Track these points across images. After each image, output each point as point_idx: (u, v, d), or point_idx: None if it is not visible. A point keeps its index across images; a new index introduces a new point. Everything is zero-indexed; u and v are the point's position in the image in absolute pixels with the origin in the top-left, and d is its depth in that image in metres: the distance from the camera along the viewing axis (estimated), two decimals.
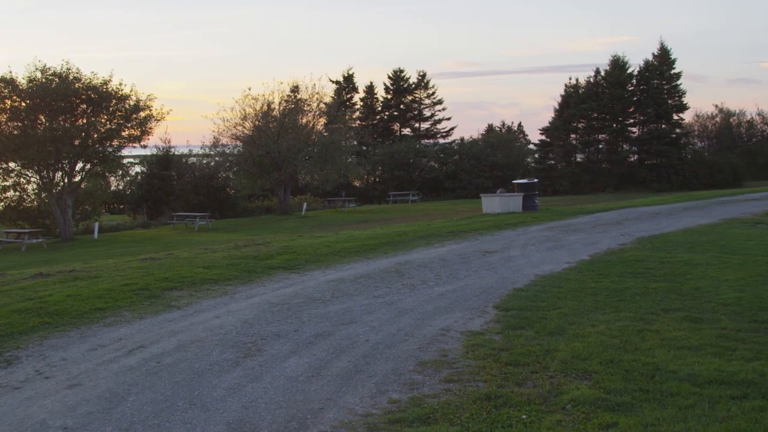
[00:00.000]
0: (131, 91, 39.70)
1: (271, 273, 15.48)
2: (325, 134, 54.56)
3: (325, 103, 56.76)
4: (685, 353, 8.55)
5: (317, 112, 55.25)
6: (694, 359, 8.29)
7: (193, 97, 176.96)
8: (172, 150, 57.84)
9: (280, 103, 52.82)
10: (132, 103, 39.47)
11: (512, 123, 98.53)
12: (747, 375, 7.64)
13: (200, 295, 13.10)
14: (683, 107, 74.04)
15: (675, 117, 73.72)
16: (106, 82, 38.62)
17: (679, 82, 73.80)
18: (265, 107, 52.10)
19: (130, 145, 41.35)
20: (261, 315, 11.27)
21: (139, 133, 40.19)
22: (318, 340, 9.61)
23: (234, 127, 52.02)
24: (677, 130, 73.57)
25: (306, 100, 54.13)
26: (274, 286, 13.93)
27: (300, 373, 8.17)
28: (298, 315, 11.21)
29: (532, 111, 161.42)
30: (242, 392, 7.56)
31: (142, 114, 39.81)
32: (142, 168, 56.94)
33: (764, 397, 7.01)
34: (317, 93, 54.84)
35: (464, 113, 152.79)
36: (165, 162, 55.70)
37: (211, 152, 55.00)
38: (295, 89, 54.20)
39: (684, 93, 73.79)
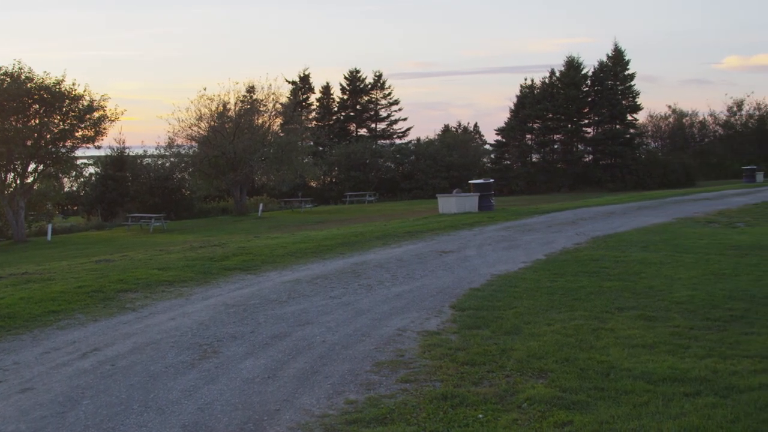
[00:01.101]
0: (85, 91, 39.35)
1: (227, 274, 15.40)
2: (281, 135, 54.45)
3: (281, 104, 56.67)
4: (639, 351, 8.64)
5: (273, 113, 55.16)
6: (648, 357, 8.37)
7: (148, 97, 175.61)
8: (127, 151, 57.44)
9: (235, 103, 52.68)
10: (85, 103, 39.11)
11: (468, 123, 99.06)
12: (700, 372, 7.74)
13: (155, 296, 12.99)
14: (637, 108, 74.89)
15: (629, 117, 74.56)
16: (59, 82, 38.22)
17: (632, 83, 74.66)
18: (221, 107, 51.91)
19: (84, 145, 41.00)
20: (217, 316, 11.21)
21: (92, 134, 39.83)
22: (274, 342, 9.58)
23: (189, 127, 51.79)
24: (631, 131, 74.42)
25: (262, 100, 54.03)
26: (230, 288, 13.86)
27: (256, 374, 8.14)
28: (254, 316, 11.16)
29: (488, 111, 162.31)
30: (198, 394, 7.52)
31: (96, 114, 39.46)
32: (96, 169, 56.35)
33: (717, 394, 7.10)
34: (273, 93, 54.82)
35: (421, 114, 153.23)
36: (119, 163, 55.26)
37: (167, 153, 54.65)
38: (251, 89, 53.99)
39: (638, 94, 74.71)
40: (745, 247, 18.00)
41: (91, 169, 56.79)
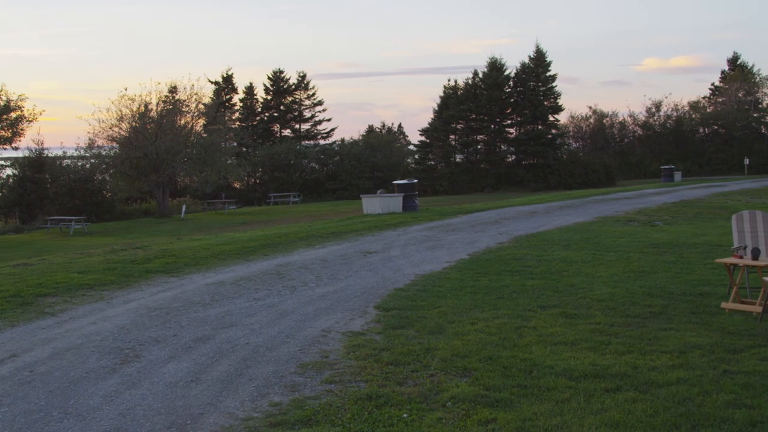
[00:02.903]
0: (1, 90, 38.48)
1: (149, 277, 15.20)
2: (204, 135, 53.91)
3: (204, 104, 56.14)
4: (561, 348, 8.76)
5: (196, 113, 54.62)
6: (569, 354, 8.49)
7: (68, 97, 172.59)
8: (46, 152, 56.17)
9: (157, 103, 51.99)
10: (1, 103, 38.26)
11: (393, 124, 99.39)
12: (620, 368, 7.87)
13: (76, 301, 12.76)
14: (558, 108, 75.93)
15: (551, 118, 75.54)
16: None
17: (554, 84, 75.69)
18: (142, 108, 51.20)
19: (1, 146, 40.10)
20: (139, 320, 11.06)
21: (9, 135, 39.08)
22: (198, 345, 9.49)
23: (110, 128, 50.93)
24: (553, 131, 75.39)
25: (184, 100, 53.44)
26: (153, 291, 13.68)
27: (179, 378, 8.05)
28: (177, 319, 11.04)
29: (413, 112, 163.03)
30: (120, 399, 7.40)
31: (13, 115, 38.75)
32: (14, 171, 55.10)
33: (637, 389, 7.23)
34: (196, 94, 54.25)
35: (345, 114, 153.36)
36: (38, 164, 54.05)
37: (87, 154, 53.66)
38: (173, 90, 53.34)
39: (559, 95, 75.79)
40: (663, 245, 18.37)
41: (9, 171, 55.58)
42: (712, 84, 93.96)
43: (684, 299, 11.57)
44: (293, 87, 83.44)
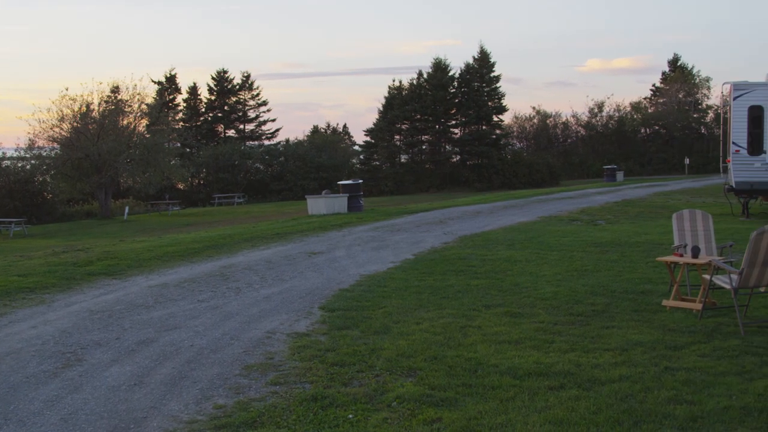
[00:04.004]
0: None
1: (91, 280, 15.00)
2: (147, 136, 53.41)
3: (146, 104, 55.58)
4: (505, 347, 8.81)
5: (139, 114, 54.03)
6: (514, 353, 8.55)
7: (6, 97, 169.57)
8: None
9: (99, 104, 51.30)
10: None
11: (338, 124, 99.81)
12: (564, 366, 7.94)
13: (15, 304, 12.53)
14: (502, 109, 76.56)
15: (495, 118, 76.12)
16: None
17: (498, 85, 76.36)
18: (84, 108, 50.50)
19: None
20: (81, 323, 10.91)
21: None
22: (141, 348, 9.38)
23: (51, 128, 50.15)
24: (497, 131, 76.00)
25: (127, 101, 52.85)
26: (95, 293, 13.50)
27: (122, 381, 7.96)
28: (119, 322, 10.91)
29: (358, 112, 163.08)
30: (61, 404, 7.29)
31: None
32: None
33: (580, 387, 7.30)
34: (139, 94, 53.68)
35: (290, 114, 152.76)
36: None
37: (27, 155, 52.85)
38: (115, 90, 52.71)
39: (503, 95, 76.44)
40: (605, 243, 18.58)
41: None
42: (653, 85, 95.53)
43: (626, 297, 11.71)
44: (237, 87, 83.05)
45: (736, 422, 6.35)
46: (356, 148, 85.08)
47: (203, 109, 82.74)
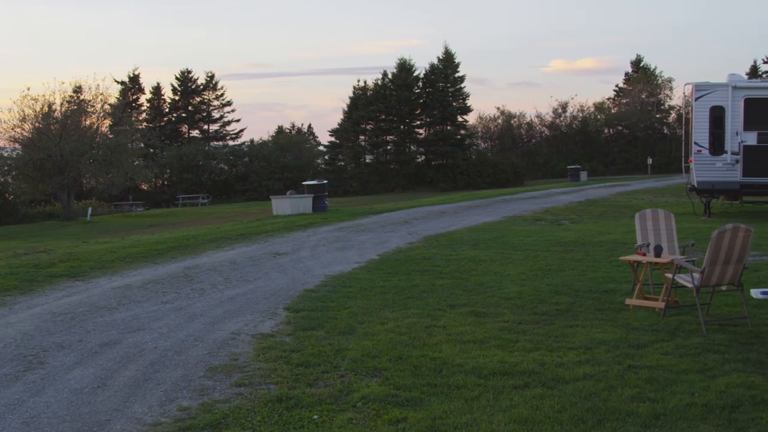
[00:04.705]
0: None
1: (53, 281, 14.85)
2: (111, 136, 53.00)
3: (109, 104, 55.14)
4: (470, 347, 8.83)
5: (102, 114, 53.60)
6: (478, 352, 8.57)
7: None
8: None
9: (62, 104, 50.77)
10: None
11: (302, 125, 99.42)
12: (528, 365, 7.98)
13: None
14: (467, 109, 76.87)
15: (460, 119, 76.42)
16: None
17: (463, 85, 76.63)
18: (46, 108, 49.97)
19: None
20: (43, 326, 10.80)
21: None
22: (104, 350, 9.31)
23: (12, 129, 49.52)
24: (462, 132, 76.29)
25: (90, 101, 52.39)
26: (57, 295, 13.37)
27: (85, 384, 7.89)
28: (82, 324, 10.82)
29: (323, 113, 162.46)
30: (23, 408, 7.21)
31: None
32: None
33: (544, 385, 7.33)
34: (101, 94, 53.19)
35: (254, 115, 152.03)
36: None
37: None
38: (78, 90, 52.28)
39: (468, 95, 76.78)
40: (569, 243, 18.69)
41: None
42: (617, 86, 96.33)
43: (590, 296, 11.79)
44: (201, 87, 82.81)
45: (698, 419, 6.41)
46: (321, 148, 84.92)
47: (167, 110, 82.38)
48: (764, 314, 10.35)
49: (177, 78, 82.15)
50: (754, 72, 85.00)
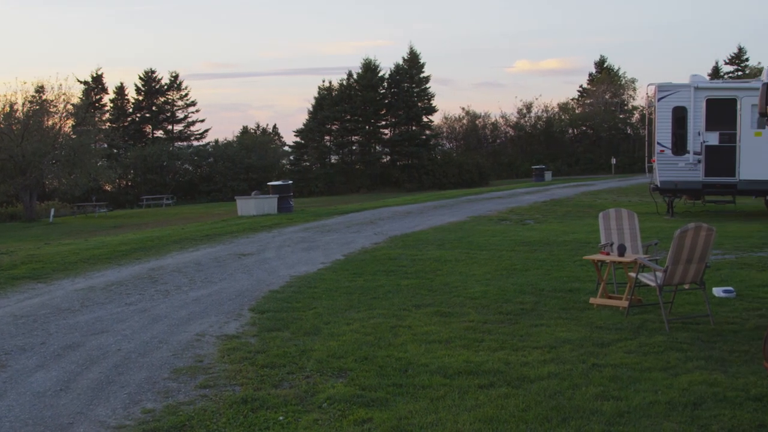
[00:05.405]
0: None
1: (15, 284, 14.69)
2: (73, 137, 52.65)
3: (72, 105, 54.79)
4: (435, 347, 8.84)
5: (64, 114, 53.27)
6: (444, 352, 8.58)
7: None
8: None
9: (23, 104, 50.44)
10: None
11: (267, 125, 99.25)
12: (493, 365, 8.00)
13: None
14: (432, 110, 77.12)
15: (425, 119, 76.68)
16: None
17: (428, 86, 76.93)
18: (7, 108, 49.60)
19: None
20: (4, 328, 10.67)
21: None
22: (67, 352, 9.22)
23: None
24: (427, 132, 76.53)
25: (52, 101, 52.07)
26: (19, 298, 13.23)
27: (48, 387, 7.81)
28: (45, 327, 10.71)
29: (288, 113, 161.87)
30: None
31: None
32: None
33: (509, 385, 7.35)
34: (64, 94, 52.95)
35: (218, 115, 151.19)
36: None
37: None
38: (40, 90, 51.90)
39: (433, 96, 77.06)
40: (534, 243, 18.78)
41: None
42: (581, 86, 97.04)
43: (554, 296, 11.85)
44: (165, 87, 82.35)
45: (662, 417, 6.46)
46: (286, 148, 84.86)
47: (131, 110, 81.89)
48: (726, 312, 10.45)
49: (141, 78, 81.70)
50: (716, 73, 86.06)
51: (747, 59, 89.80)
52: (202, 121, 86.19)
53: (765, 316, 10.13)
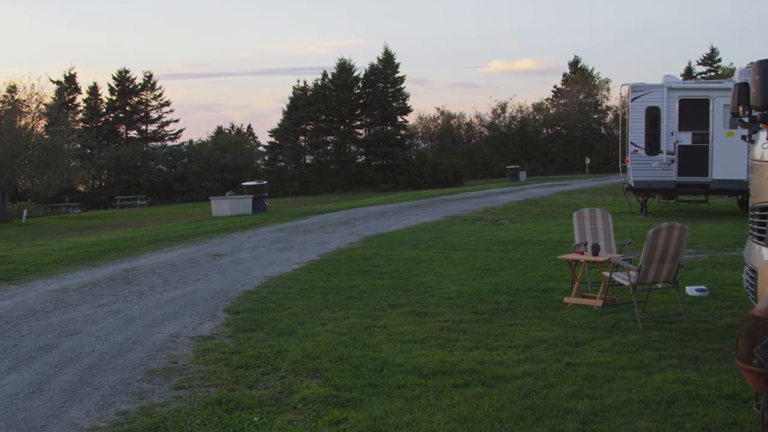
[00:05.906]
0: None
1: None
2: (46, 137, 52.25)
3: (45, 104, 54.41)
4: (410, 347, 8.85)
5: (37, 114, 52.87)
6: (419, 352, 8.59)
7: None
8: None
9: None
10: None
11: (242, 125, 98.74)
12: (468, 364, 8.01)
13: None
14: (407, 110, 77.23)
15: (399, 119, 76.75)
16: None
17: (403, 86, 77.01)
18: None
19: None
20: None
21: None
22: (40, 354, 9.15)
23: None
24: (402, 132, 76.62)
25: (24, 100, 51.69)
26: None
27: (20, 389, 7.75)
28: (17, 328, 10.63)
29: (263, 113, 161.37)
30: None
31: None
32: None
33: (484, 384, 7.37)
34: (37, 93, 52.57)
35: (193, 115, 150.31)
36: None
37: None
38: (12, 89, 51.48)
39: (408, 96, 77.22)
40: (509, 242, 18.84)
41: None
42: (555, 86, 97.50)
43: (529, 295, 11.89)
44: (139, 87, 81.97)
45: (636, 415, 6.50)
46: (261, 149, 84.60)
47: (104, 110, 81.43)
48: (699, 311, 10.53)
49: (114, 78, 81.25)
50: (689, 73, 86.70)
51: (719, 60, 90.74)
52: (176, 121, 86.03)
53: (737, 315, 10.20)
